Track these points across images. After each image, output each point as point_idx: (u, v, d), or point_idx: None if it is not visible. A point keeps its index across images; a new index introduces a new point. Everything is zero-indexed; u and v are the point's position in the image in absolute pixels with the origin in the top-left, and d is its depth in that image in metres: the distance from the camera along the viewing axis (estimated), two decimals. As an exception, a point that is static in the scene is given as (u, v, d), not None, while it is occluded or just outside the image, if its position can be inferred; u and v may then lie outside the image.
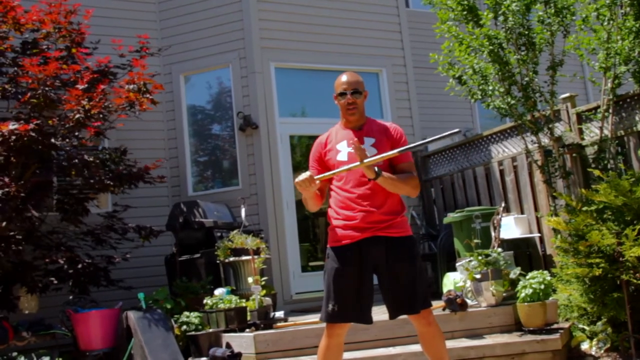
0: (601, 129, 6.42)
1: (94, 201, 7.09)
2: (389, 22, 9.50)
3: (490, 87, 6.49)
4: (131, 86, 6.72)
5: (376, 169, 3.41)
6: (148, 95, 6.82)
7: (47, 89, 6.31)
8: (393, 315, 3.57)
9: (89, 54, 7.08)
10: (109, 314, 6.13)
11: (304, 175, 3.50)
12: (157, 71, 7.91)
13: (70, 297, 6.63)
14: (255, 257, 6.39)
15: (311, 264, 8.79)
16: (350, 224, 3.53)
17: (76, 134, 6.44)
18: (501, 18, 6.34)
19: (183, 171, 8.56)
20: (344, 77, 3.70)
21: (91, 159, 6.45)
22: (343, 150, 3.64)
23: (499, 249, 5.81)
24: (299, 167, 8.85)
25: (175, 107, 8.67)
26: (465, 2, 6.53)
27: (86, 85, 6.36)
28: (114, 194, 7.03)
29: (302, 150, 9.04)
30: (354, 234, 3.52)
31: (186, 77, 8.76)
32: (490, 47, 6.27)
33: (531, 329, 5.30)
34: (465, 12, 6.53)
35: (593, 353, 5.31)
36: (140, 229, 6.97)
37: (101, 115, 6.54)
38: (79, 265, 6.51)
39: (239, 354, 5.24)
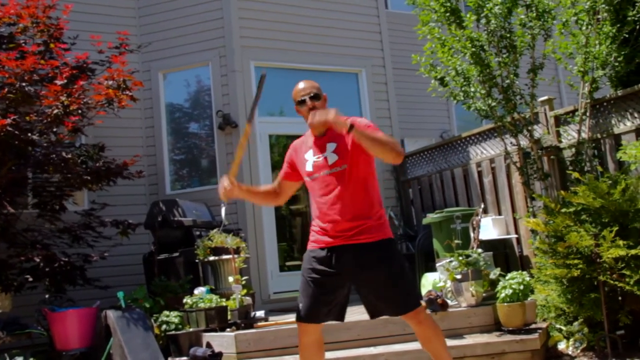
0: (579, 132, 6.52)
1: (70, 199, 6.99)
2: (369, 23, 9.54)
3: (472, 89, 6.55)
4: (110, 82, 6.65)
5: (349, 121, 3.29)
6: (127, 92, 6.76)
7: (24, 84, 6.21)
8: (372, 316, 3.58)
9: (67, 50, 6.98)
10: (86, 313, 6.04)
11: (221, 185, 3.58)
12: (136, 68, 7.82)
13: (47, 296, 6.53)
14: (236, 256, 6.36)
15: (288, 263, 8.79)
16: (322, 231, 3.55)
17: (54, 130, 6.35)
18: (483, 20, 6.40)
19: (161, 169, 8.49)
20: (300, 85, 3.66)
21: (69, 156, 6.36)
22: (309, 159, 3.62)
23: (479, 250, 5.87)
24: (277, 166, 8.84)
25: (154, 105, 8.60)
26: (448, 4, 6.58)
27: (65, 81, 6.28)
28: (92, 190, 6.94)
29: (280, 150, 9.03)
30: (327, 240, 3.52)
31: (165, 74, 8.70)
32: (473, 49, 6.33)
33: (510, 329, 5.36)
34: (447, 14, 6.58)
35: (570, 352, 5.39)
36: (118, 223, 6.89)
37: (80, 112, 6.45)
38: (56, 264, 6.42)
39: (220, 354, 5.22)
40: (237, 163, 3.68)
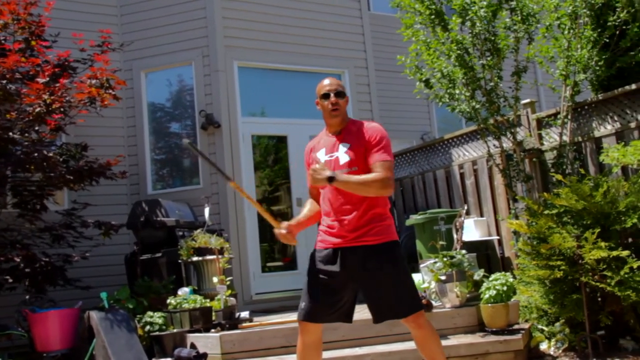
0: (560, 134, 6.60)
1: (50, 198, 6.91)
2: (352, 24, 9.56)
3: (457, 91, 6.60)
4: (93, 81, 6.59)
5: (329, 173, 3.38)
6: (110, 91, 6.70)
7: (5, 81, 6.12)
8: (376, 320, 3.56)
9: (48, 47, 6.90)
10: (68, 314, 5.97)
11: (280, 234, 3.62)
12: (118, 67, 7.76)
13: (27, 297, 6.44)
14: (220, 257, 6.33)
15: (270, 264, 8.78)
16: (330, 232, 3.58)
17: (36, 128, 6.27)
18: (468, 23, 6.45)
19: (143, 169, 8.42)
20: (326, 81, 3.70)
21: (51, 154, 6.29)
22: (321, 158, 3.65)
23: (463, 251, 5.91)
24: (259, 167, 8.83)
25: (136, 104, 8.53)
26: (433, 7, 6.62)
27: (47, 79, 6.21)
28: (74, 190, 6.86)
29: (261, 150, 9.02)
30: (334, 240, 3.54)
31: (147, 73, 8.63)
32: (458, 52, 6.38)
33: (494, 329, 5.40)
34: (432, 17, 6.61)
35: (551, 353, 5.45)
36: (101, 224, 6.83)
37: (62, 110, 6.38)
38: (36, 264, 6.34)
39: (205, 354, 5.19)
40: (264, 212, 3.79)
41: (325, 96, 3.64)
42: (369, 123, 3.68)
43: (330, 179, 3.37)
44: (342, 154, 3.56)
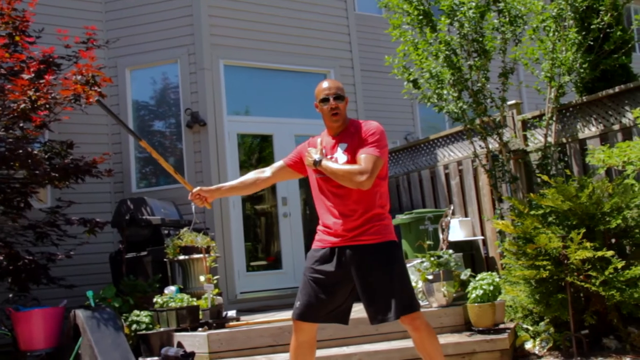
0: (545, 136, 6.67)
1: (34, 196, 6.83)
2: (338, 24, 9.56)
3: (445, 92, 6.63)
4: (79, 77, 6.51)
5: (316, 157, 3.50)
6: (96, 88, 6.62)
7: (-12, 77, 6.06)
8: (372, 321, 3.53)
9: (32, 43, 6.82)
10: (52, 313, 5.93)
11: (193, 194, 3.85)
12: (102, 64, 7.69)
13: (10, 296, 6.36)
14: (207, 255, 6.31)
15: (254, 263, 8.76)
16: (327, 231, 3.57)
17: (20, 125, 6.19)
18: (456, 24, 6.49)
19: (127, 167, 8.36)
20: (325, 84, 3.66)
21: (36, 152, 6.22)
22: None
23: (450, 251, 5.94)
24: (244, 165, 8.80)
25: (120, 102, 8.46)
26: (422, 7, 6.65)
27: (32, 75, 6.13)
28: (58, 187, 6.78)
29: (246, 149, 9.00)
30: (332, 240, 3.53)
31: (132, 71, 8.56)
32: (447, 52, 6.41)
33: (480, 329, 5.44)
34: (421, 17, 6.64)
35: (536, 352, 5.51)
36: (85, 222, 6.76)
37: (47, 107, 6.31)
38: (20, 262, 6.27)
39: (192, 354, 5.17)
40: (176, 174, 4.03)
41: (325, 100, 3.60)
42: (368, 122, 3.63)
43: (316, 163, 3.47)
44: (340, 154, 3.54)
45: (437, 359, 3.54)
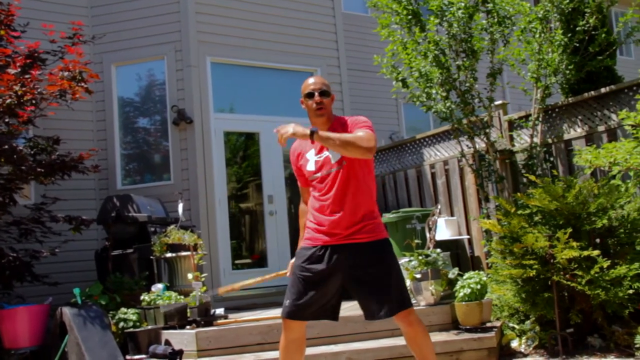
0: (532, 136, 6.73)
1: (19, 192, 6.75)
2: (325, 23, 9.57)
3: (434, 91, 6.67)
4: (66, 73, 6.45)
5: (310, 127, 3.38)
6: (83, 84, 6.56)
7: (-28, 72, 5.97)
8: (367, 317, 3.55)
9: (18, 38, 6.74)
10: (37, 310, 5.87)
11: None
12: (88, 60, 7.61)
13: (-6, 293, 6.30)
14: (195, 253, 6.29)
15: (239, 261, 8.74)
16: (320, 229, 3.55)
17: (6, 120, 6.12)
18: (445, 24, 6.52)
19: (112, 164, 8.29)
20: (310, 80, 3.67)
21: (21, 147, 6.15)
22: (311, 159, 3.63)
23: (438, 250, 5.98)
24: (231, 163, 8.78)
25: (106, 98, 8.39)
26: (411, 7, 6.68)
27: (19, 70, 6.06)
28: (44, 184, 6.70)
29: (233, 147, 8.97)
30: (324, 238, 3.53)
31: (118, 67, 8.50)
32: (436, 52, 6.45)
33: (468, 327, 5.48)
34: (410, 17, 6.67)
35: (522, 350, 5.56)
36: (71, 219, 6.70)
37: (34, 102, 6.24)
38: (4, 259, 6.19)
39: (181, 351, 5.15)
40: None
41: (310, 95, 3.60)
42: (354, 117, 3.62)
43: (312, 133, 3.32)
44: (332, 152, 3.53)
45: (429, 354, 3.56)
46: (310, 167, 3.63)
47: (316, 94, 3.59)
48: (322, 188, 3.56)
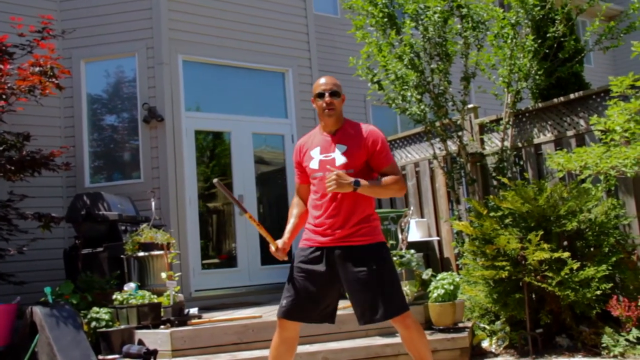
0: (502, 140, 6.85)
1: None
2: (297, 23, 9.57)
3: (409, 94, 6.74)
4: (37, 69, 6.32)
5: (353, 181, 3.40)
6: (54, 80, 6.44)
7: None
8: (360, 321, 3.55)
9: (-16, 31, 6.60)
10: (4, 310, 5.72)
11: (273, 250, 3.65)
12: (57, 55, 7.46)
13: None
14: (168, 252, 6.23)
15: (208, 261, 8.68)
16: (317, 230, 3.57)
17: (-26, 115, 5.97)
18: (421, 28, 6.60)
19: (80, 161, 8.14)
20: (322, 80, 3.69)
21: (-11, 144, 6.02)
22: (315, 157, 3.64)
23: (412, 250, 6.04)
24: (201, 162, 8.72)
25: (75, 94, 8.23)
26: (386, 10, 6.73)
27: (-13, 64, 5.93)
28: (12, 180, 6.55)
29: (204, 145, 8.91)
30: (321, 240, 3.54)
31: (87, 63, 8.35)
32: (411, 55, 6.52)
33: (441, 327, 5.56)
34: (385, 20, 6.73)
35: (493, 350, 5.66)
36: (40, 216, 6.56)
37: (4, 97, 6.10)
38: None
39: (155, 351, 5.10)
40: (266, 234, 3.75)
41: (320, 95, 3.63)
42: (368, 126, 3.67)
43: (356, 186, 3.40)
44: (339, 156, 3.55)
45: (426, 355, 3.58)
46: (314, 165, 3.64)
47: (327, 94, 3.61)
48: (322, 189, 3.56)
